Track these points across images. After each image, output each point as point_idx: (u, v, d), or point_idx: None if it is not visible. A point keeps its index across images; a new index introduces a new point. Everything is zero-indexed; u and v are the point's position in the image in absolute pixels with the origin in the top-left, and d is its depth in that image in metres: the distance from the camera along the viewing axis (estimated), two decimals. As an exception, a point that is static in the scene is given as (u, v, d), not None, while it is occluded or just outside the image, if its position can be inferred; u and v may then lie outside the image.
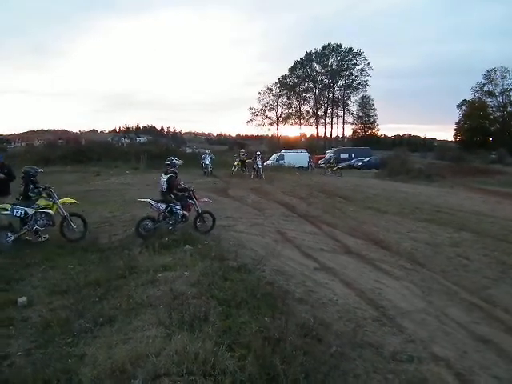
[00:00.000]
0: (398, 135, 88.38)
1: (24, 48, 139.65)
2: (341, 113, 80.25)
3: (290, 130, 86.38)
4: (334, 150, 51.49)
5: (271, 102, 79.88)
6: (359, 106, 79.30)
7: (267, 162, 35.44)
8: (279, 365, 3.57)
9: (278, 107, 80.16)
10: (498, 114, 70.24)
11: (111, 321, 4.71)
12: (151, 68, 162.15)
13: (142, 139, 59.30)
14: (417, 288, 6.67)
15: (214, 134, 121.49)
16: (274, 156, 41.73)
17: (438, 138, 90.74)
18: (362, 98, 78.57)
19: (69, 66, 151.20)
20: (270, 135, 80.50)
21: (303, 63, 79.07)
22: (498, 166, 36.34)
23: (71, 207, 9.70)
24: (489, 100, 69.91)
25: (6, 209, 8.29)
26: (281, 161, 38.92)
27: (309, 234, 10.35)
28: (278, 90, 79.97)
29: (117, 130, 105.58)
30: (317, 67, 79.24)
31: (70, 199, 9.45)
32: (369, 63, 75.41)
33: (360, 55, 75.81)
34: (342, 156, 47.21)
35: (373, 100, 78.37)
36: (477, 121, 67.48)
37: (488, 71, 68.07)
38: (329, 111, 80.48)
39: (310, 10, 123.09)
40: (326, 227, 11.28)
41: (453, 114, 79.37)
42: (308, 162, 34.68)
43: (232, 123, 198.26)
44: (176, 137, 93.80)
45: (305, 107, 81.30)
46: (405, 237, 10.10)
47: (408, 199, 16.55)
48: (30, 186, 8.74)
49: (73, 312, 5.00)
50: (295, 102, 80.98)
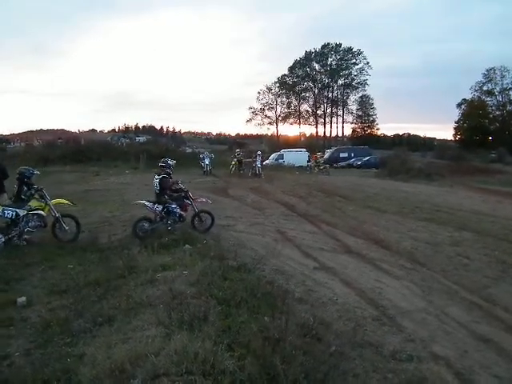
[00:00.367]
0: (398, 134, 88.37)
1: (24, 48, 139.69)
2: (340, 112, 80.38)
3: (290, 130, 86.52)
4: (334, 150, 51.46)
5: (270, 102, 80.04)
6: (359, 106, 79.41)
7: (266, 162, 35.50)
8: (279, 364, 3.56)
9: (278, 106, 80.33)
10: (498, 113, 70.30)
11: (110, 320, 4.71)
12: (151, 68, 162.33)
13: (142, 139, 59.13)
14: (417, 287, 6.66)
15: (214, 134, 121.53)
16: (274, 155, 41.78)
17: (438, 138, 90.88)
18: (362, 98, 78.67)
19: (68, 66, 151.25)
20: (270, 134, 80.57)
21: (303, 62, 79.06)
22: (498, 165, 36.32)
23: (68, 208, 9.65)
24: (488, 99, 70.04)
25: None
26: (280, 160, 38.98)
27: (309, 234, 10.34)
28: (278, 90, 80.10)
29: (116, 130, 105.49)
30: (316, 66, 79.34)
31: (63, 200, 9.31)
32: (368, 62, 75.55)
33: (359, 54, 75.89)
34: (342, 155, 47.15)
35: (372, 99, 78.52)
36: (476, 120, 67.52)
37: (487, 70, 68.26)
38: (328, 110, 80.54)
39: (310, 10, 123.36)
40: (326, 226, 11.27)
41: (452, 114, 79.34)
42: (308, 162, 34.63)
43: (232, 123, 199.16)
44: (175, 136, 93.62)
45: (304, 106, 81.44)
46: (405, 236, 10.09)
47: (408, 198, 16.54)
48: (24, 188, 8.64)
49: (72, 312, 4.99)
50: (294, 102, 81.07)
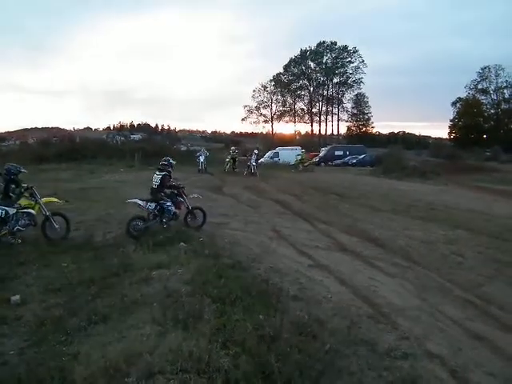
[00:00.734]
0: (393, 133, 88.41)
1: (18, 45, 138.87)
2: (335, 110, 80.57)
3: (285, 128, 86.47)
4: (329, 148, 51.46)
5: (266, 100, 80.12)
6: (354, 104, 79.61)
7: (262, 160, 35.49)
8: (274, 362, 3.57)
9: (273, 105, 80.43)
10: (492, 112, 70.66)
11: (105, 319, 4.70)
12: (147, 66, 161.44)
13: (137, 137, 58.91)
14: (411, 285, 6.68)
15: (209, 132, 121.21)
16: (269, 153, 41.82)
17: (433, 136, 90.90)
18: (357, 96, 78.92)
19: (63, 64, 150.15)
20: (265, 132, 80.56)
21: (298, 61, 79.11)
22: (493, 164, 36.46)
23: (62, 206, 9.61)
24: (483, 98, 70.44)
25: None
26: (275, 158, 39.03)
27: (303, 232, 10.35)
28: (273, 88, 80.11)
29: (111, 128, 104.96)
30: (311, 65, 79.39)
31: (53, 198, 9.23)
32: (363, 60, 75.70)
33: (355, 53, 76.05)
34: (337, 153, 47.12)
35: (367, 97, 78.72)
36: (471, 118, 67.86)
37: (482, 69, 68.66)
38: (323, 108, 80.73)
39: (308, 7, 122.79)
40: (321, 225, 11.28)
41: (447, 112, 79.50)
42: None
43: (227, 121, 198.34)
44: (171, 134, 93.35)
45: (299, 105, 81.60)
46: (399, 234, 10.11)
47: (403, 197, 16.61)
48: (11, 186, 8.54)
49: (66, 310, 4.97)
50: (290, 100, 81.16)
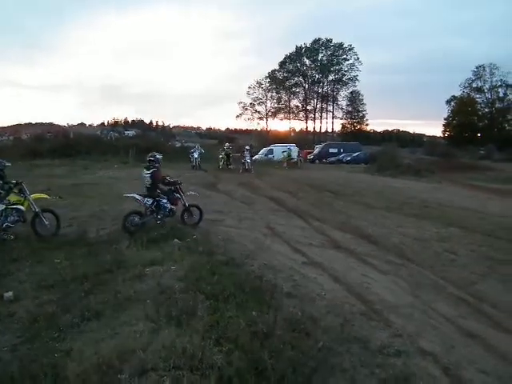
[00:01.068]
0: (388, 130, 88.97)
1: (13, 40, 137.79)
2: (330, 107, 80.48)
3: (280, 125, 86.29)
4: (323, 145, 51.49)
5: (261, 97, 79.84)
6: (349, 101, 79.58)
7: (256, 157, 35.52)
8: (267, 359, 3.58)
9: (268, 101, 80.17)
10: (487, 111, 70.89)
11: (98, 316, 4.70)
12: (141, 62, 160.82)
13: (131, 133, 58.65)
14: (404, 282, 6.70)
15: (204, 128, 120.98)
16: (264, 150, 41.84)
17: (427, 134, 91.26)
18: (352, 93, 78.84)
19: (57, 59, 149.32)
20: (260, 129, 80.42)
21: (293, 58, 78.94)
22: (487, 162, 36.67)
23: (56, 202, 9.57)
24: (477, 96, 70.67)
25: None
26: (270, 155, 39.06)
27: (297, 229, 10.36)
28: (268, 85, 79.91)
29: (105, 124, 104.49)
30: (307, 62, 79.25)
31: (43, 195, 9.20)
32: (358, 58, 75.62)
33: (350, 50, 75.91)
34: (331, 151, 47.18)
35: (362, 95, 78.75)
36: (465, 117, 68.11)
37: (477, 67, 68.78)
38: (318, 106, 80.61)
39: (304, 4, 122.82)
40: (315, 222, 11.30)
41: (442, 110, 79.75)
42: (297, 157, 34.67)
43: (222, 118, 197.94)
44: (165, 131, 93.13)
45: (294, 102, 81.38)
46: (393, 232, 10.15)
47: (396, 194, 16.67)
48: None
49: (59, 307, 4.96)
50: (285, 97, 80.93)
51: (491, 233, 9.94)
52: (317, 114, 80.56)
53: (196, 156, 26.67)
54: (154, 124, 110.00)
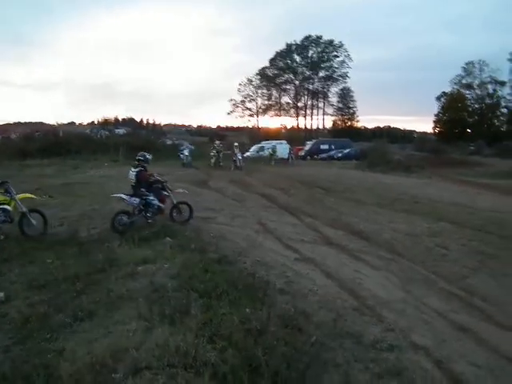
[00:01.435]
0: (378, 127, 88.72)
1: (0, 39, 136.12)
2: (321, 104, 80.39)
3: (271, 122, 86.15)
4: (314, 142, 51.45)
5: (251, 94, 79.43)
6: (339, 98, 79.42)
7: (247, 154, 35.45)
8: (261, 355, 3.59)
9: (258, 98, 79.84)
10: (477, 107, 71.28)
11: (91, 315, 4.68)
12: (131, 60, 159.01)
13: (121, 131, 58.15)
14: (396, 278, 6.75)
15: (194, 126, 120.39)
16: (255, 147, 41.74)
17: (418, 130, 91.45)
18: (342, 90, 78.75)
19: (46, 57, 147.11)
20: (251, 126, 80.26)
21: (283, 55, 78.75)
22: (476, 158, 36.99)
23: (46, 202, 9.50)
24: (467, 92, 70.91)
25: None
26: (261, 152, 38.96)
27: (289, 225, 10.39)
28: (258, 82, 79.70)
29: (95, 122, 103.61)
30: (297, 59, 79.14)
31: (29, 195, 9.10)
32: (349, 55, 75.55)
33: (340, 47, 75.82)
34: (322, 147, 47.13)
35: (353, 92, 78.75)
36: (455, 113, 68.38)
37: (467, 64, 69.04)
38: (309, 103, 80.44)
39: (295, 1, 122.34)
40: (307, 218, 11.33)
41: (432, 106, 79.92)
42: (288, 154, 34.63)
43: (212, 115, 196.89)
44: (156, 128, 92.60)
45: (285, 99, 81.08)
46: (384, 227, 10.21)
47: (387, 190, 16.73)
48: None
49: (51, 307, 4.92)
50: (275, 94, 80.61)
51: (481, 227, 10.03)
52: (307, 111, 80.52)
53: (187, 153, 26.55)
54: (145, 122, 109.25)
